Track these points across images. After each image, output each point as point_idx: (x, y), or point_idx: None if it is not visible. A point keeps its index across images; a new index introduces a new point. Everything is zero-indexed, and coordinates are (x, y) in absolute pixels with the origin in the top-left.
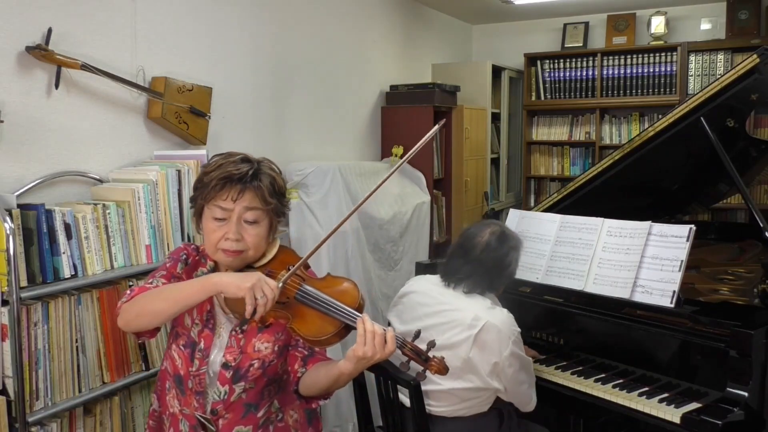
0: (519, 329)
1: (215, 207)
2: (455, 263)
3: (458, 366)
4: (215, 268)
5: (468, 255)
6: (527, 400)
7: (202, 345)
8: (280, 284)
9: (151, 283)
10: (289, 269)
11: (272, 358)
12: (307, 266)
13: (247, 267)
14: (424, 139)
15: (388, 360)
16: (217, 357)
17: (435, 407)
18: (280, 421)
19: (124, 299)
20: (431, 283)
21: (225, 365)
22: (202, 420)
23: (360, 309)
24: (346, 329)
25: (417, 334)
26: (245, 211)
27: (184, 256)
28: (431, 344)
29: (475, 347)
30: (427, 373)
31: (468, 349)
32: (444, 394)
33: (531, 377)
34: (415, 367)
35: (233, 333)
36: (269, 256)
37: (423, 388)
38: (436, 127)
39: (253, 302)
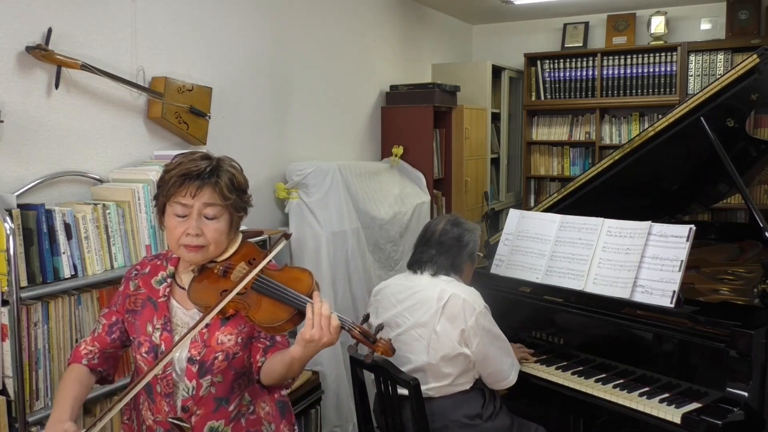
0: (486, 305)
1: (176, 204)
2: (419, 251)
3: (431, 338)
4: (174, 273)
5: (429, 241)
6: (501, 377)
7: (162, 347)
8: (232, 294)
9: (95, 330)
10: (248, 261)
11: (236, 350)
12: (266, 257)
13: (210, 262)
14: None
15: (388, 360)
16: (181, 354)
17: (420, 387)
18: (252, 414)
19: (69, 358)
20: (402, 276)
21: (190, 359)
22: (176, 422)
23: (311, 294)
24: (299, 315)
25: (365, 317)
26: (204, 207)
27: (135, 272)
28: (379, 327)
29: (443, 318)
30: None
31: (437, 321)
32: (423, 372)
33: (505, 353)
34: (363, 350)
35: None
36: (231, 251)
37: (405, 368)
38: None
39: None
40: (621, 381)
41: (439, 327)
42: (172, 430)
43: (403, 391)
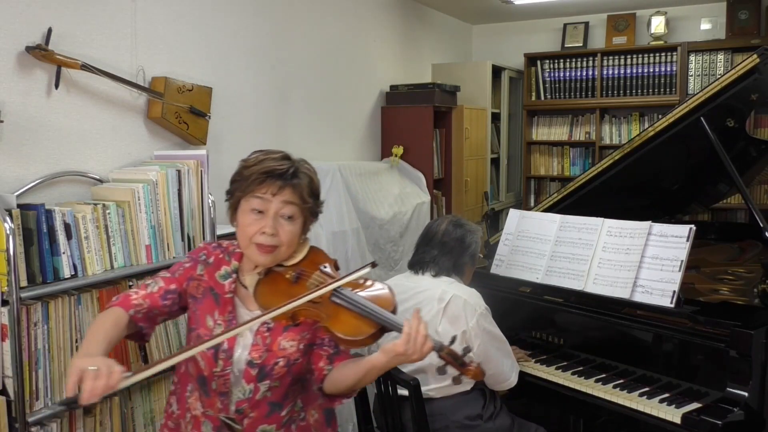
0: (486, 306)
1: (254, 198)
2: (421, 251)
3: (435, 339)
4: (238, 269)
5: (431, 242)
6: (502, 378)
7: (225, 345)
8: (298, 302)
9: (148, 285)
10: (320, 269)
11: (297, 357)
12: (337, 266)
13: (278, 266)
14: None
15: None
16: (241, 356)
17: (421, 388)
18: (302, 420)
19: (114, 299)
20: (403, 276)
21: (250, 363)
22: (227, 421)
23: (395, 311)
24: (381, 331)
25: (453, 340)
26: (283, 206)
27: (204, 256)
28: (467, 350)
29: (444, 319)
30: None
31: (438, 322)
32: (424, 373)
33: (505, 355)
34: (451, 372)
35: (259, 331)
36: (300, 256)
37: (406, 368)
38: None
39: (76, 383)
40: (621, 381)
41: (441, 328)
42: (222, 427)
43: (403, 392)
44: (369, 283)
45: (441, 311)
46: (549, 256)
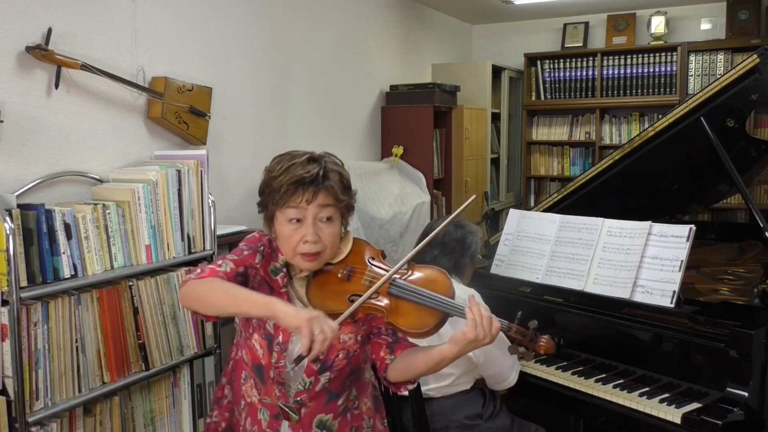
0: (486, 306)
1: (289, 209)
2: (422, 251)
3: (432, 340)
4: (287, 264)
5: (431, 242)
6: (502, 378)
7: (280, 339)
8: (360, 301)
9: (220, 265)
10: (370, 263)
11: (356, 348)
12: (384, 256)
13: (326, 264)
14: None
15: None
16: (296, 350)
17: (421, 387)
18: (356, 409)
19: (193, 276)
20: None
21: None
22: (287, 408)
23: (453, 295)
24: (444, 318)
25: (519, 315)
26: (320, 210)
27: (262, 248)
28: (533, 324)
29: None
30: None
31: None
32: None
33: (505, 354)
34: (521, 349)
35: None
36: (345, 251)
37: None
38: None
39: (310, 336)
40: (621, 381)
41: (442, 329)
42: (280, 414)
43: (403, 392)
44: (421, 267)
45: None
46: (549, 256)
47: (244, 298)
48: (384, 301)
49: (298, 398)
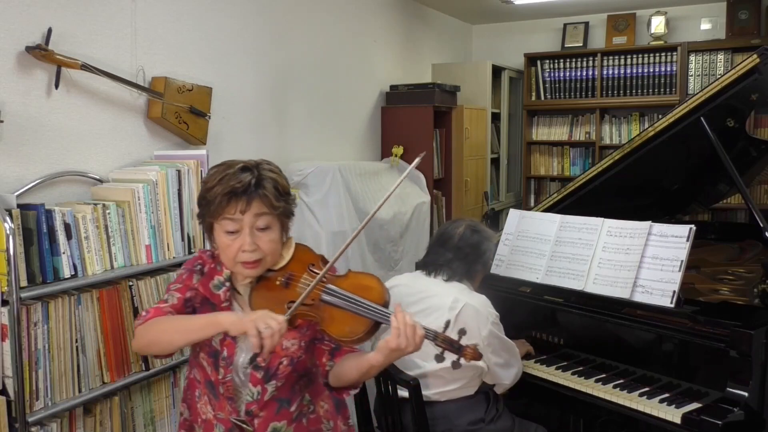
0: (497, 312)
1: (225, 221)
2: (434, 253)
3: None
4: (231, 277)
5: (446, 244)
6: (509, 383)
7: (225, 353)
8: (293, 308)
9: (166, 300)
10: (309, 269)
11: (300, 354)
12: (324, 261)
13: (268, 270)
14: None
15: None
16: (244, 360)
17: (424, 392)
18: (312, 413)
19: (139, 321)
20: (413, 275)
21: (255, 366)
22: (239, 423)
23: (387, 304)
24: (375, 326)
25: (447, 325)
26: (255, 219)
27: (199, 266)
28: (462, 332)
29: (455, 328)
30: (453, 356)
31: (449, 331)
32: (432, 378)
33: (513, 359)
34: (450, 356)
35: None
36: (287, 258)
37: (413, 372)
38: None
39: (257, 335)
40: (621, 381)
41: (453, 337)
42: (233, 429)
43: (404, 394)
44: (357, 274)
45: (452, 320)
46: (549, 256)
47: (192, 325)
48: (318, 308)
49: (249, 409)
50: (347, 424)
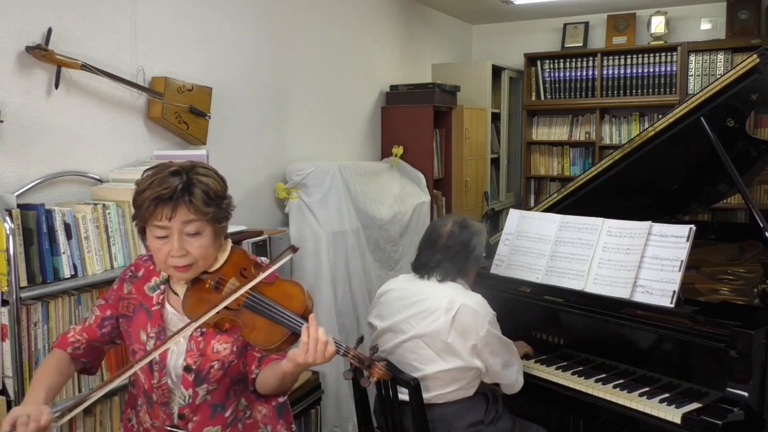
0: (494, 312)
1: (154, 227)
2: (425, 255)
3: (441, 349)
4: (168, 279)
5: (435, 244)
6: (512, 381)
7: (157, 357)
8: (204, 317)
9: (86, 319)
10: (239, 273)
11: (232, 359)
12: (258, 266)
13: (203, 272)
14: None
15: (389, 361)
16: (177, 362)
17: (423, 394)
18: (248, 418)
19: (54, 341)
20: (406, 279)
21: (187, 368)
22: (173, 428)
23: (306, 313)
24: (294, 336)
25: (360, 340)
26: (183, 225)
27: (130, 274)
28: (374, 349)
29: (453, 330)
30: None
31: (447, 333)
32: (430, 380)
33: (513, 357)
34: (362, 372)
35: (193, 336)
36: (221, 261)
37: (412, 375)
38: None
39: (9, 424)
40: (621, 381)
41: (450, 339)
42: None
43: (404, 397)
44: (283, 282)
45: (449, 322)
46: (549, 256)
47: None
48: (241, 314)
49: (182, 413)
50: (290, 428)
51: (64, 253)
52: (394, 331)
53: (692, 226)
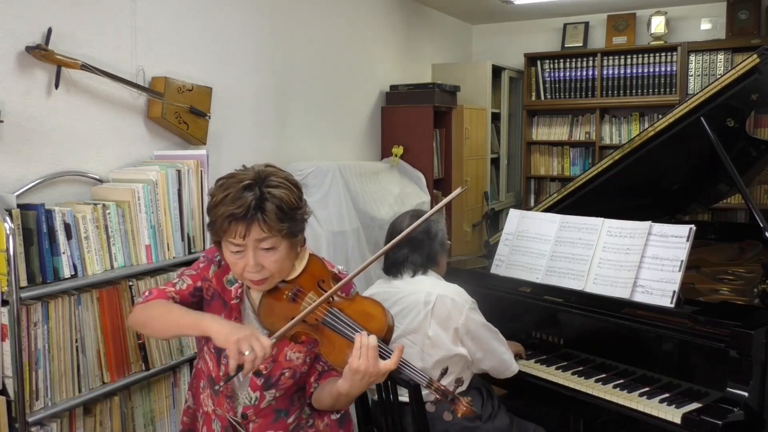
0: (473, 299)
1: (228, 243)
2: (392, 253)
3: (425, 343)
4: None
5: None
6: (504, 367)
7: (227, 351)
8: (282, 330)
9: (176, 283)
10: (318, 286)
11: (304, 368)
12: (336, 278)
13: (281, 281)
14: None
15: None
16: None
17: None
18: (311, 427)
19: (140, 299)
20: (381, 283)
21: (256, 373)
22: (234, 422)
23: (387, 336)
24: None
25: (444, 372)
26: (258, 243)
27: (218, 258)
28: (458, 382)
29: (433, 321)
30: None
31: (428, 326)
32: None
33: (501, 343)
34: (445, 406)
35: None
36: (298, 270)
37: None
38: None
39: (236, 356)
40: (621, 381)
41: (431, 332)
42: (229, 427)
43: (403, 398)
44: (363, 300)
45: (429, 314)
46: (549, 256)
47: (181, 321)
48: (319, 330)
49: (245, 413)
50: None
51: (64, 253)
52: None
53: (692, 226)
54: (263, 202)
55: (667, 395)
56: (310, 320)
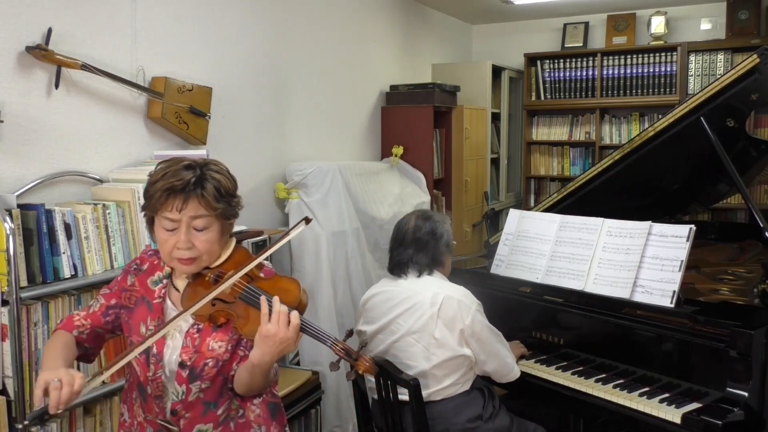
0: (479, 301)
1: (163, 218)
2: (397, 254)
3: (430, 343)
4: (171, 273)
5: (404, 241)
6: (506, 370)
7: (154, 350)
8: (190, 309)
9: (91, 306)
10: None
11: (227, 357)
12: (261, 265)
13: (204, 268)
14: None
15: (388, 361)
16: (171, 357)
17: (421, 391)
18: (241, 418)
19: (58, 323)
20: (386, 282)
21: (181, 364)
22: (164, 424)
23: (300, 308)
24: None
25: (349, 333)
26: (192, 219)
27: (135, 266)
28: (363, 343)
29: (440, 322)
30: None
31: (434, 326)
32: (424, 377)
33: (504, 346)
34: (345, 366)
35: (189, 332)
36: (224, 257)
37: (411, 372)
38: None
39: (42, 387)
40: (621, 381)
41: (438, 333)
42: (161, 430)
43: (403, 397)
44: (279, 277)
45: (435, 315)
46: (549, 256)
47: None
48: (236, 306)
49: (175, 409)
50: (283, 430)
51: (64, 253)
52: (385, 332)
53: (692, 226)
54: (203, 180)
55: (667, 395)
56: (228, 298)
